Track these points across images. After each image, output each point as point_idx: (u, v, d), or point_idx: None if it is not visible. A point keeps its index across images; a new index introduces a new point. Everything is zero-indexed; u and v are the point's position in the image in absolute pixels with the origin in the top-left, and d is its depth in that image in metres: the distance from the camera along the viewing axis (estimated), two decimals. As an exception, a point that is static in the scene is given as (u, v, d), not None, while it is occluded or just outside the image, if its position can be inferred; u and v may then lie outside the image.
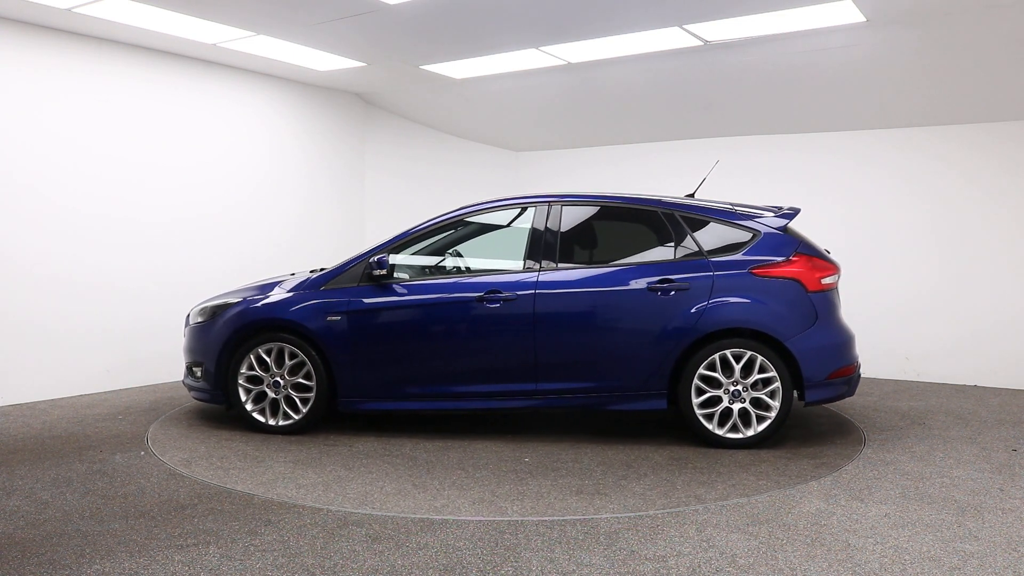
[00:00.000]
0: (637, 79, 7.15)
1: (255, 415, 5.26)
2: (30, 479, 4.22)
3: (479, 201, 5.49)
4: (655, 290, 4.90)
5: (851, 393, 5.03)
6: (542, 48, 6.48)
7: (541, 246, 5.12)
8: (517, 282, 5.05)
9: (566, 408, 5.12)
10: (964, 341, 7.03)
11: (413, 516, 3.67)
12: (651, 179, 7.97)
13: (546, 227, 5.16)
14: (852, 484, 4.14)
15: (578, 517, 3.66)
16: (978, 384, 6.94)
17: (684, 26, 5.78)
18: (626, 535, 3.43)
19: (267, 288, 5.47)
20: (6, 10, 5.75)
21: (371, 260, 5.20)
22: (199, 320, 5.56)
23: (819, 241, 5.27)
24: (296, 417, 5.21)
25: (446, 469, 4.49)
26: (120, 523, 3.58)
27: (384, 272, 5.15)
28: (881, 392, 6.67)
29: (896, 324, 7.28)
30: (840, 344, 4.94)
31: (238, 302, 5.43)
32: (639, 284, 4.93)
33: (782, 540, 3.37)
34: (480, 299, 5.05)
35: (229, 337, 5.28)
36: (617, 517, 3.66)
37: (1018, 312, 6.81)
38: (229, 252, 7.47)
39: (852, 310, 5.83)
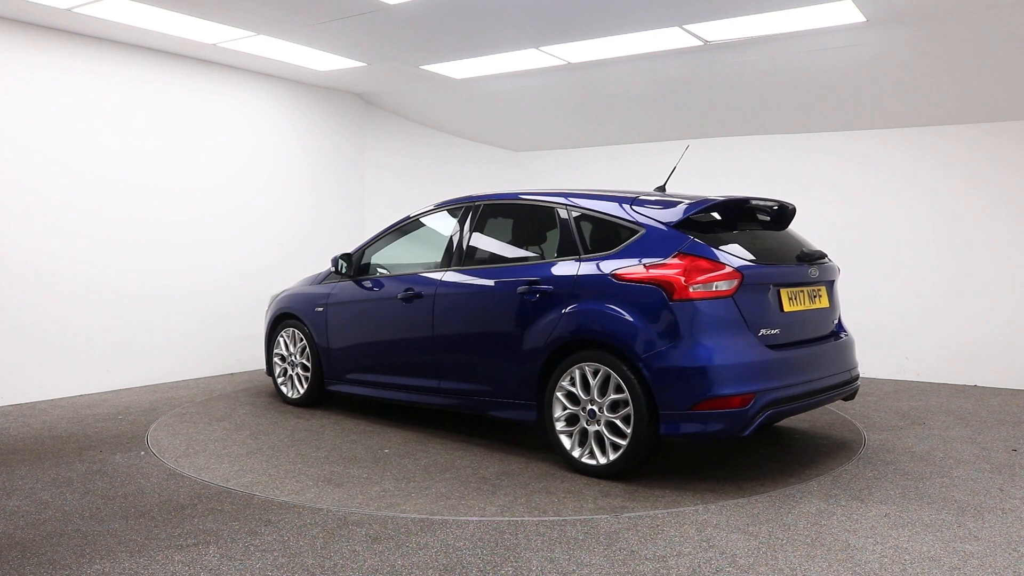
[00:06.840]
0: (637, 79, 7.15)
1: (281, 387, 6.26)
2: (30, 479, 4.22)
3: (440, 201, 5.55)
4: (523, 293, 4.58)
5: (739, 431, 3.93)
6: (542, 48, 6.48)
7: (454, 246, 5.17)
8: (427, 282, 5.18)
9: (463, 409, 5.05)
10: (964, 341, 7.03)
11: (413, 516, 3.68)
12: (651, 179, 7.95)
13: (463, 227, 5.17)
14: (852, 484, 4.14)
15: (579, 517, 3.66)
16: (978, 384, 6.94)
17: (684, 26, 5.78)
18: (626, 535, 3.43)
19: (311, 280, 6.22)
20: (6, 10, 5.75)
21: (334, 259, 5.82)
22: (266, 308, 6.56)
23: (819, 241, 5.22)
24: (301, 393, 6.07)
25: (316, 450, 4.82)
26: (120, 523, 3.58)
27: (335, 270, 5.79)
28: (881, 392, 6.67)
29: (896, 324, 7.28)
30: (716, 368, 3.91)
31: (281, 292, 6.42)
32: (511, 286, 4.66)
33: (782, 540, 3.37)
34: (401, 297, 5.28)
35: (269, 321, 6.36)
36: (618, 517, 3.66)
37: (1018, 312, 6.81)
38: (229, 252, 7.47)
39: (852, 310, 5.83)
